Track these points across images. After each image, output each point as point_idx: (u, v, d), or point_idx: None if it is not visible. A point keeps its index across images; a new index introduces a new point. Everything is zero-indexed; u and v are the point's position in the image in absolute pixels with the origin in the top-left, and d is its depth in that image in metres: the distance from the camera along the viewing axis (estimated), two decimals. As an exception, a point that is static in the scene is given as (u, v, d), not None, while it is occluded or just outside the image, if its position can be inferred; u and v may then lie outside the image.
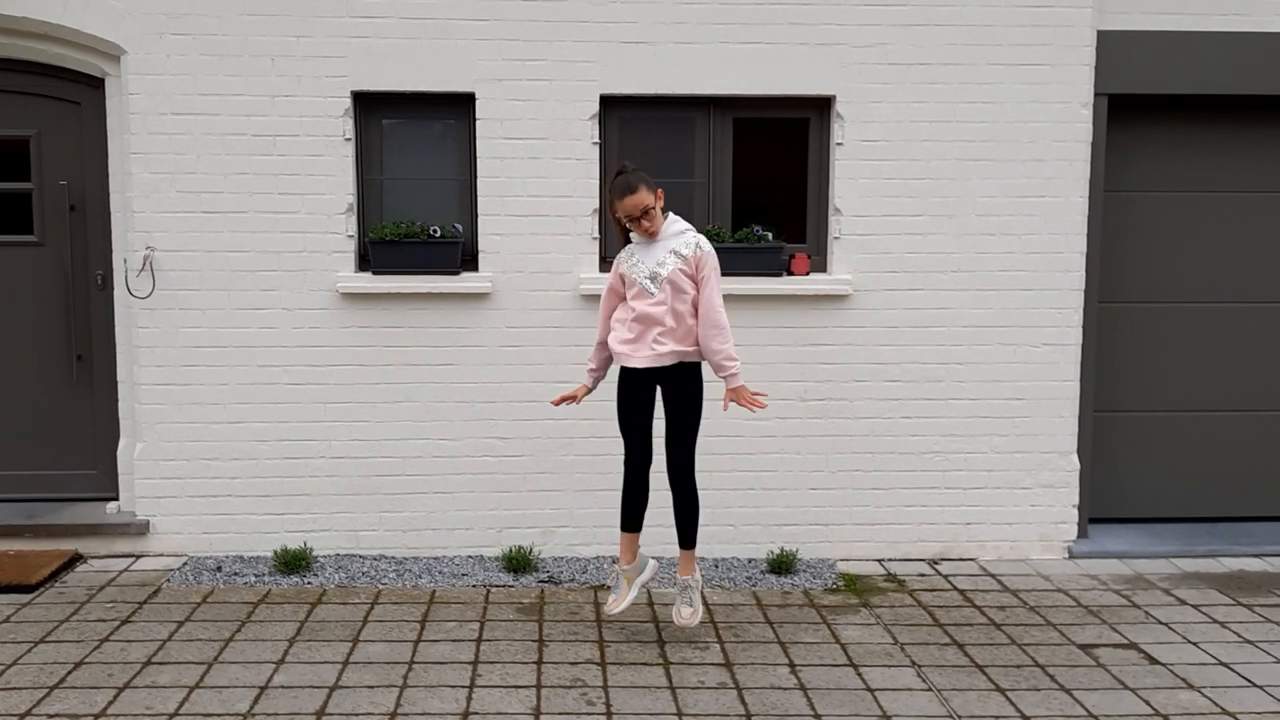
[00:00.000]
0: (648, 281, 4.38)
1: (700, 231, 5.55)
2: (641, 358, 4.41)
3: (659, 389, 4.54)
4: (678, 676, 4.25)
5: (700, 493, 4.60)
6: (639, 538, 4.65)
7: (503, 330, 5.61)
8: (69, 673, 4.22)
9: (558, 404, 4.79)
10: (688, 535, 4.59)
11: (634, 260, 4.46)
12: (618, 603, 4.60)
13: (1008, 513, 5.82)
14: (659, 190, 4.39)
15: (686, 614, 4.55)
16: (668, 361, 4.41)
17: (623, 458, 4.62)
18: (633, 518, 4.62)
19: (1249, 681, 4.27)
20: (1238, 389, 6.17)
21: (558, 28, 5.46)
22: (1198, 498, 6.21)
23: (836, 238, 5.66)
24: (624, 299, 4.51)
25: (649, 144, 5.74)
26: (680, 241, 4.41)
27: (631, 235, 4.49)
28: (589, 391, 4.74)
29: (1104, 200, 5.79)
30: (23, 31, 5.45)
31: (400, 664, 4.34)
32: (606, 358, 4.64)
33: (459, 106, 5.60)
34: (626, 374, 4.51)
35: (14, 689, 4.07)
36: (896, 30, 5.55)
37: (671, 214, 4.49)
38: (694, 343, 4.42)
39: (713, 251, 4.42)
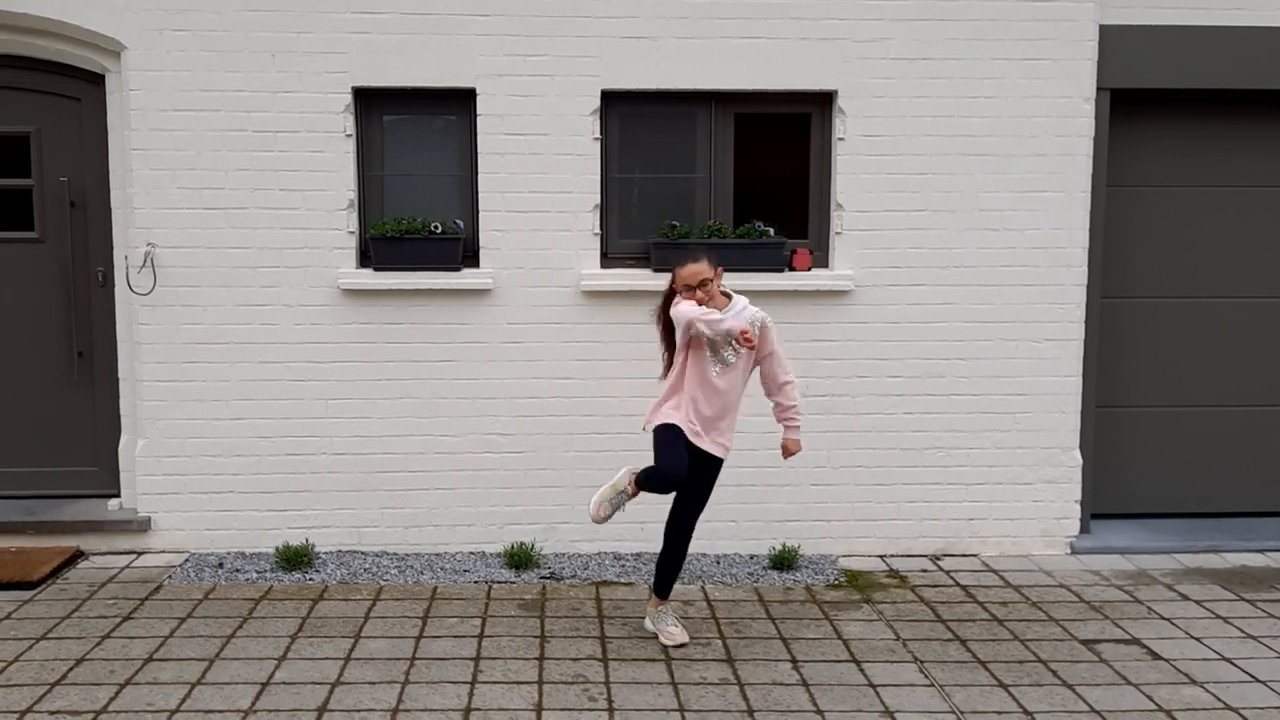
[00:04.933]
0: (726, 353, 4.34)
1: (702, 227, 5.61)
2: (709, 444, 4.42)
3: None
4: (680, 672, 4.25)
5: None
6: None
7: (504, 326, 5.60)
8: (70, 669, 4.22)
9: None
10: (668, 586, 4.61)
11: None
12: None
13: (1010, 508, 5.81)
14: (719, 270, 4.36)
15: (677, 633, 4.56)
16: (722, 453, 4.48)
17: (622, 451, 4.62)
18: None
19: (1252, 677, 4.27)
20: (1240, 384, 6.16)
21: (559, 23, 5.45)
22: (1200, 493, 6.20)
23: (838, 233, 5.65)
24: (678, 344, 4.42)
25: (651, 139, 5.73)
26: (745, 319, 4.32)
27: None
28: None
29: (1106, 195, 5.78)
30: (23, 28, 5.45)
31: (402, 660, 4.34)
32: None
33: (460, 102, 5.59)
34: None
35: (16, 686, 4.07)
36: (899, 25, 5.53)
37: (736, 295, 4.42)
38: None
39: (774, 325, 4.42)
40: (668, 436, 4.40)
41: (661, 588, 4.61)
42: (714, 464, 4.49)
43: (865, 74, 5.55)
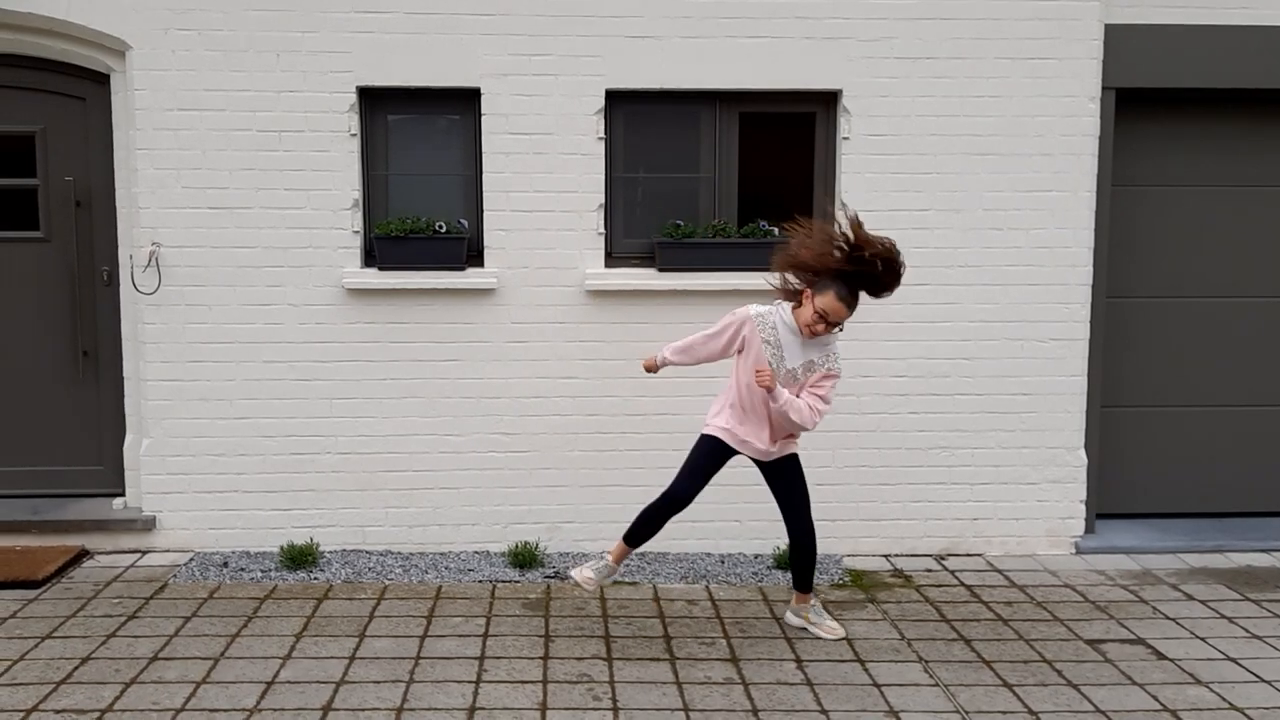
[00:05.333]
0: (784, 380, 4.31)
1: (706, 227, 5.61)
2: (778, 450, 4.48)
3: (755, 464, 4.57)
4: (684, 672, 4.24)
5: (707, 488, 4.61)
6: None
7: (508, 326, 5.60)
8: (75, 668, 4.22)
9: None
10: (808, 581, 4.65)
11: (775, 340, 4.30)
12: (590, 583, 4.60)
13: (1015, 508, 5.81)
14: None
15: (834, 625, 4.64)
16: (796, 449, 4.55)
17: (626, 450, 4.62)
18: (642, 540, 4.61)
19: (1257, 677, 4.26)
20: (1245, 384, 6.15)
21: (563, 22, 5.45)
22: (1205, 493, 6.19)
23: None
24: (726, 353, 4.44)
25: (655, 139, 5.73)
26: (824, 354, 4.34)
27: (786, 321, 4.33)
28: (656, 368, 4.66)
29: (1111, 195, 5.77)
30: (28, 27, 5.45)
31: (406, 659, 4.34)
32: (680, 355, 4.56)
33: (464, 102, 5.59)
34: (730, 448, 4.49)
35: (21, 684, 4.07)
36: (903, 24, 5.53)
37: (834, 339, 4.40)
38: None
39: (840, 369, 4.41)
40: (697, 454, 4.48)
41: (800, 584, 4.65)
42: (789, 461, 4.54)
43: (870, 73, 5.55)
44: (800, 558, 4.61)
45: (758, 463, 4.57)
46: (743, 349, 4.38)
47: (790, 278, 4.38)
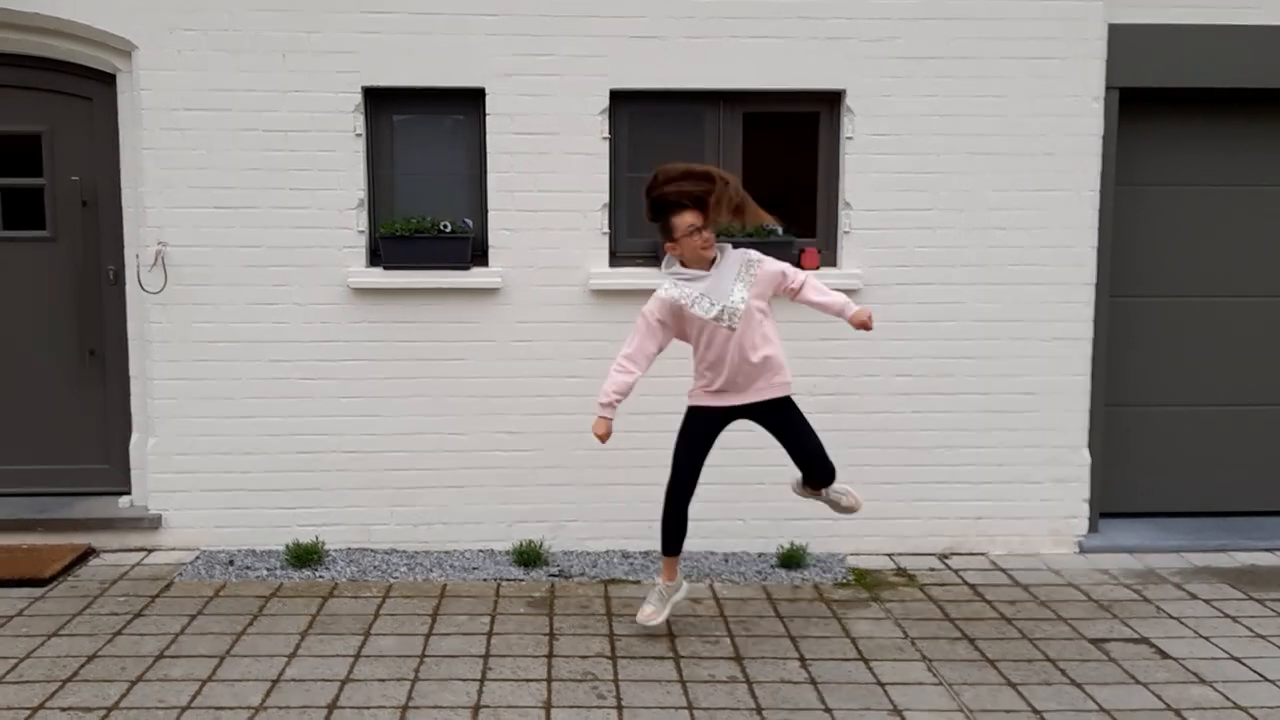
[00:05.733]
0: (724, 317, 4.31)
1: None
2: (764, 394, 4.41)
3: (751, 419, 4.51)
4: (688, 670, 4.25)
5: (710, 487, 4.63)
6: (679, 559, 4.69)
7: (513, 325, 5.61)
8: (82, 666, 4.24)
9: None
10: (828, 475, 4.62)
11: (699, 294, 4.33)
12: (655, 615, 4.59)
13: (1018, 507, 5.81)
14: (708, 214, 4.30)
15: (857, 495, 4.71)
16: (784, 391, 4.46)
17: (631, 449, 4.62)
18: (677, 543, 4.61)
19: (1261, 676, 4.26)
20: (1249, 383, 6.15)
21: (568, 22, 5.46)
22: (1209, 492, 6.19)
23: (846, 232, 5.65)
24: (677, 336, 4.44)
25: (659, 139, 5.73)
26: (748, 269, 4.37)
27: (687, 274, 4.36)
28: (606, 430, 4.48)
29: (1115, 194, 5.76)
30: (35, 27, 5.47)
31: (411, 657, 4.35)
32: (626, 389, 4.46)
33: (469, 102, 5.60)
34: (710, 413, 4.48)
35: (27, 682, 4.09)
36: (907, 24, 5.53)
37: (724, 248, 4.43)
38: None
39: (761, 255, 4.43)
40: (680, 441, 4.50)
41: (820, 479, 4.63)
42: (781, 404, 4.46)
43: (873, 73, 5.55)
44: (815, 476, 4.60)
45: (758, 419, 4.50)
46: (684, 329, 4.41)
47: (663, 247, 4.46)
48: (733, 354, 4.34)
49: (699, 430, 4.52)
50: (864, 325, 4.42)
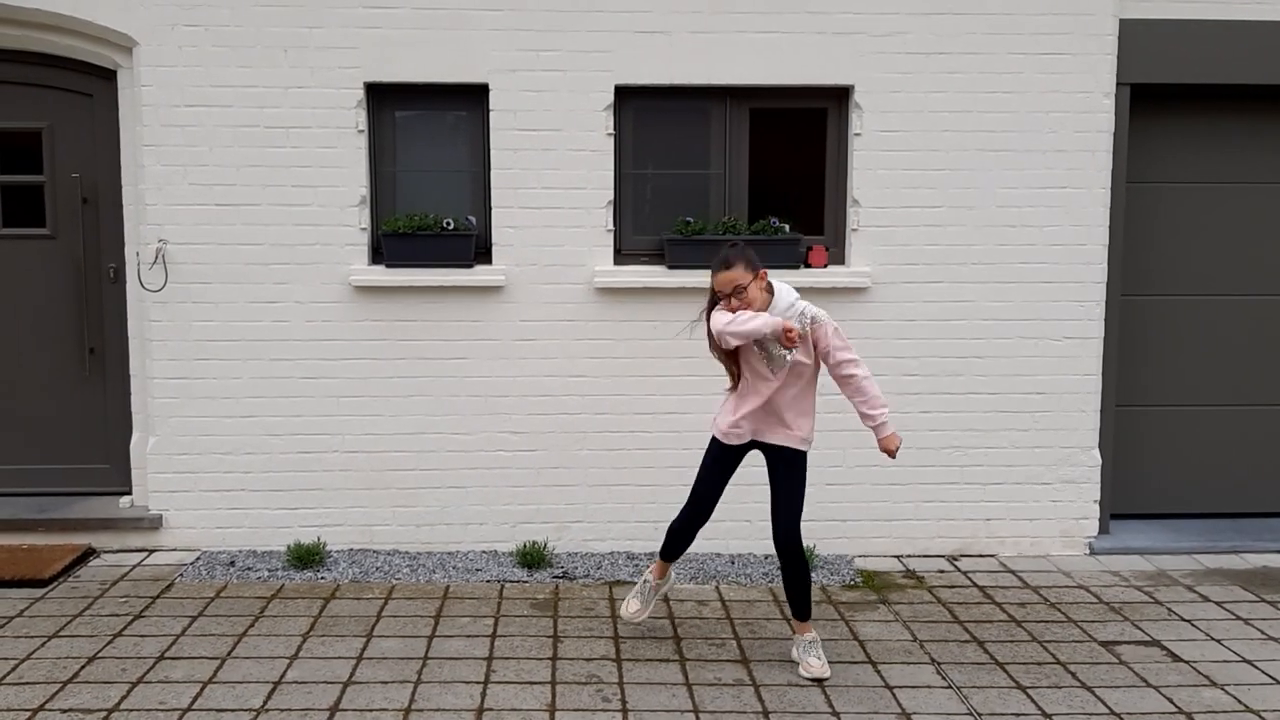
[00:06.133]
0: (777, 351, 4.13)
1: (716, 224, 5.56)
2: (777, 437, 4.25)
3: (763, 460, 4.36)
4: (694, 673, 4.21)
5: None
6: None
7: (516, 324, 5.57)
8: (82, 667, 4.20)
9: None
10: (804, 607, 4.30)
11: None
12: (641, 613, 4.55)
13: (1028, 508, 5.76)
14: (762, 271, 4.12)
15: (817, 665, 4.21)
16: (796, 444, 4.27)
17: (635, 450, 4.57)
18: (678, 552, 4.55)
19: (1273, 679, 4.22)
20: (1261, 383, 6.09)
21: (572, 17, 5.41)
22: (1221, 493, 6.14)
23: (854, 229, 5.60)
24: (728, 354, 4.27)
25: (664, 135, 5.69)
26: (792, 315, 4.12)
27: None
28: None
29: (1126, 192, 5.72)
30: (35, 23, 5.43)
31: (414, 659, 4.31)
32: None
33: (472, 98, 5.56)
34: (731, 447, 4.33)
35: (28, 684, 4.05)
36: (916, 19, 5.48)
37: (778, 284, 4.18)
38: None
39: (827, 318, 4.16)
40: (705, 459, 4.39)
41: (796, 610, 4.30)
42: (790, 456, 4.25)
43: (882, 69, 5.50)
44: (786, 573, 4.29)
45: (765, 456, 4.38)
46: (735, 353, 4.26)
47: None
48: (768, 403, 4.20)
49: (718, 455, 4.38)
50: (888, 451, 4.22)
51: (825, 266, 5.62)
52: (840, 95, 5.61)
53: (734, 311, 4.11)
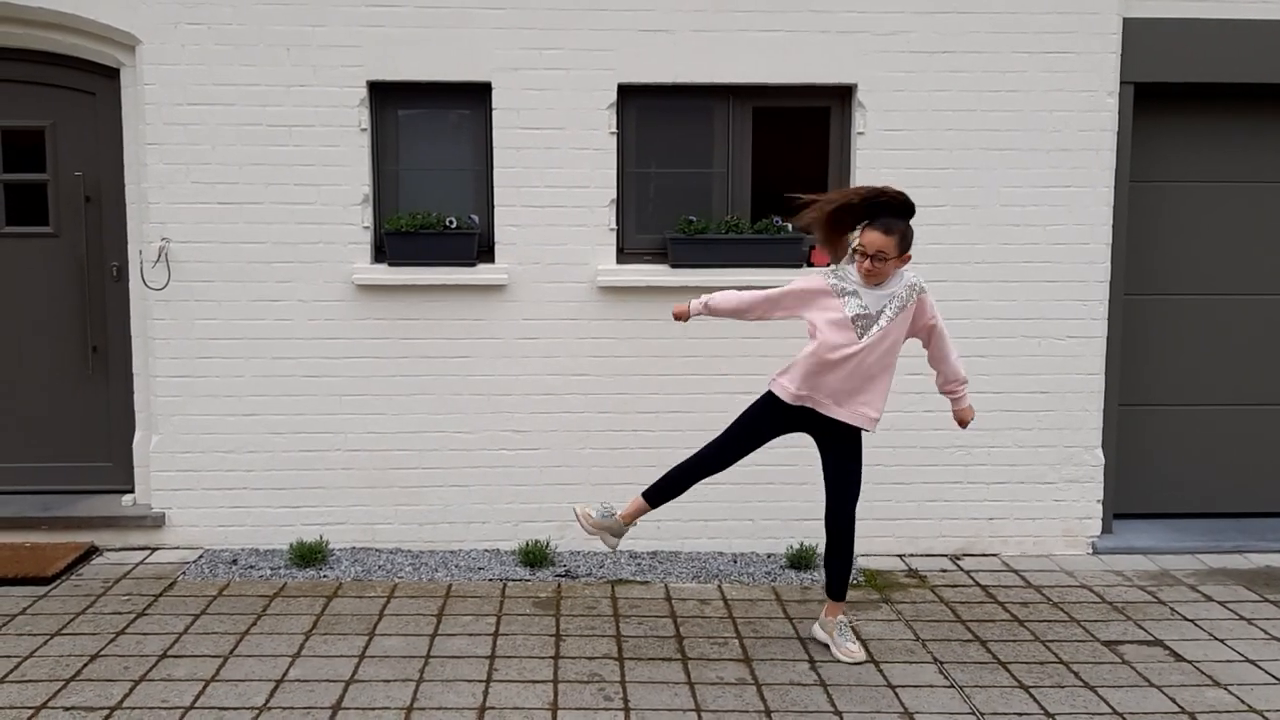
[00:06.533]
0: (861, 325, 4.11)
1: (719, 223, 5.56)
2: (844, 414, 4.21)
3: (811, 434, 4.33)
4: (696, 672, 4.20)
5: (719, 487, 4.56)
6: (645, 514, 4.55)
7: (519, 322, 5.57)
8: (85, 665, 4.20)
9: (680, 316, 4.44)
10: (843, 588, 4.43)
11: (851, 290, 4.14)
12: (587, 523, 4.48)
13: (1031, 508, 5.75)
14: (907, 255, 4.10)
15: (855, 649, 4.35)
16: (862, 423, 4.24)
17: (638, 448, 4.54)
18: (664, 499, 4.46)
19: (1275, 679, 4.21)
20: (1265, 382, 6.08)
21: (575, 16, 5.41)
22: (1224, 493, 6.13)
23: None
24: (800, 314, 4.23)
25: (668, 134, 5.68)
26: (894, 293, 4.13)
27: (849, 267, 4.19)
28: (688, 318, 4.46)
29: (1130, 191, 5.71)
30: (38, 21, 5.43)
31: (416, 658, 4.31)
32: (728, 313, 4.37)
33: (475, 96, 5.56)
34: (790, 407, 4.25)
35: (30, 681, 4.05)
36: (919, 18, 5.47)
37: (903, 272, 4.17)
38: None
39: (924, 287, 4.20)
40: (747, 414, 4.32)
41: (834, 590, 4.42)
42: (853, 435, 4.26)
43: (885, 67, 5.49)
44: (832, 551, 4.38)
45: (816, 436, 4.33)
46: (804, 310, 4.21)
47: (827, 239, 4.22)
48: (847, 367, 4.14)
49: (765, 413, 4.32)
50: (964, 422, 4.49)
51: (828, 265, 5.59)
52: (843, 94, 5.61)
53: (863, 271, 4.08)
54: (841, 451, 4.30)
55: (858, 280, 4.15)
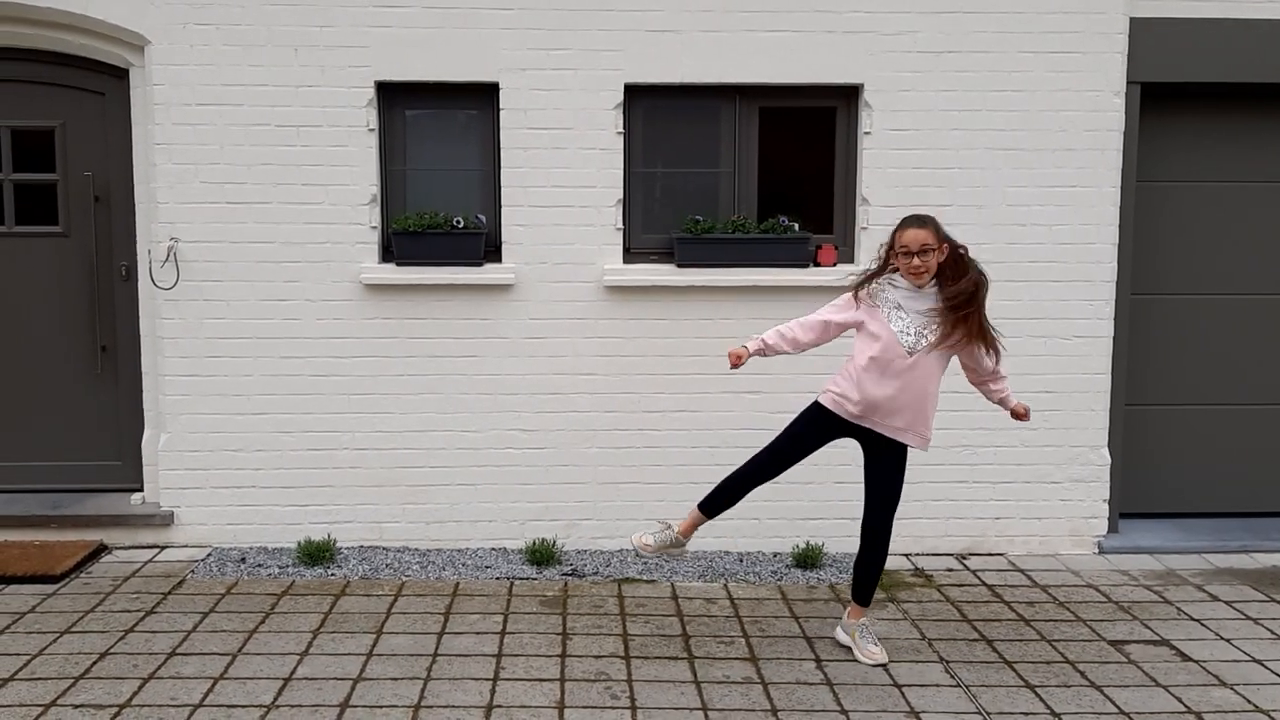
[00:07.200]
0: (909, 340, 4.12)
1: (726, 222, 5.57)
2: (889, 431, 4.21)
3: (859, 444, 4.34)
4: (703, 671, 4.21)
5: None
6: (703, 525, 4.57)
7: (526, 322, 5.58)
8: (94, 663, 4.22)
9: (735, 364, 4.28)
10: (870, 593, 4.44)
11: (896, 299, 4.15)
12: (648, 549, 4.52)
13: (1037, 507, 5.75)
14: (945, 245, 4.07)
15: (877, 652, 4.34)
16: (911, 440, 4.26)
17: (644, 448, 4.54)
18: (720, 509, 4.48)
19: (1284, 680, 4.21)
20: (1272, 382, 6.07)
21: (582, 16, 5.42)
22: (1230, 492, 6.12)
23: (864, 228, 5.60)
24: (846, 330, 4.26)
25: (674, 134, 5.69)
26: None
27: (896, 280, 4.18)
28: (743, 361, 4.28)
29: (1136, 191, 5.70)
30: (47, 22, 5.46)
31: (424, 656, 4.32)
32: (785, 350, 4.32)
33: (482, 96, 5.57)
34: (845, 422, 4.26)
35: (40, 679, 4.07)
36: (925, 18, 5.47)
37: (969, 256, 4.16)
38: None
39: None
40: (798, 422, 4.35)
41: (860, 594, 4.43)
42: (900, 450, 4.27)
43: (891, 67, 5.50)
44: (864, 557, 4.38)
45: (862, 441, 4.32)
46: (861, 324, 4.22)
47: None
48: (892, 381, 4.15)
49: (818, 421, 4.32)
50: (1019, 416, 4.52)
51: (834, 265, 5.61)
52: (850, 94, 5.61)
53: (912, 271, 4.07)
54: (889, 462, 4.30)
55: (903, 292, 4.14)
